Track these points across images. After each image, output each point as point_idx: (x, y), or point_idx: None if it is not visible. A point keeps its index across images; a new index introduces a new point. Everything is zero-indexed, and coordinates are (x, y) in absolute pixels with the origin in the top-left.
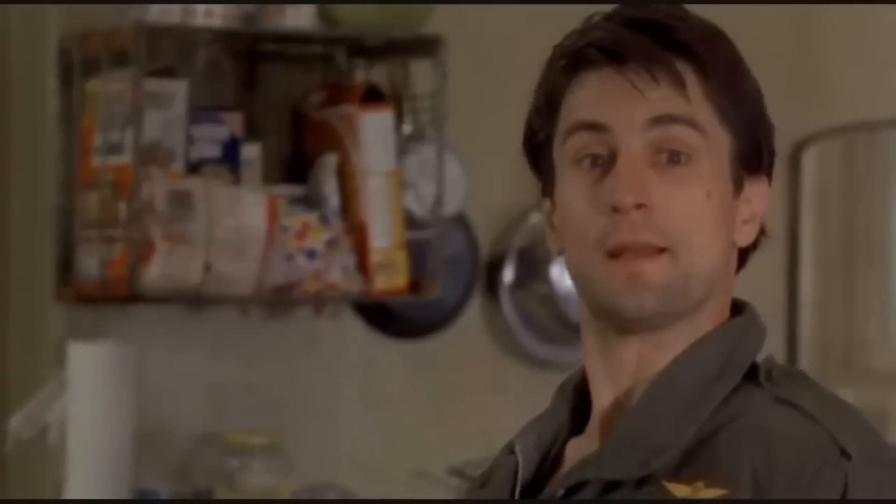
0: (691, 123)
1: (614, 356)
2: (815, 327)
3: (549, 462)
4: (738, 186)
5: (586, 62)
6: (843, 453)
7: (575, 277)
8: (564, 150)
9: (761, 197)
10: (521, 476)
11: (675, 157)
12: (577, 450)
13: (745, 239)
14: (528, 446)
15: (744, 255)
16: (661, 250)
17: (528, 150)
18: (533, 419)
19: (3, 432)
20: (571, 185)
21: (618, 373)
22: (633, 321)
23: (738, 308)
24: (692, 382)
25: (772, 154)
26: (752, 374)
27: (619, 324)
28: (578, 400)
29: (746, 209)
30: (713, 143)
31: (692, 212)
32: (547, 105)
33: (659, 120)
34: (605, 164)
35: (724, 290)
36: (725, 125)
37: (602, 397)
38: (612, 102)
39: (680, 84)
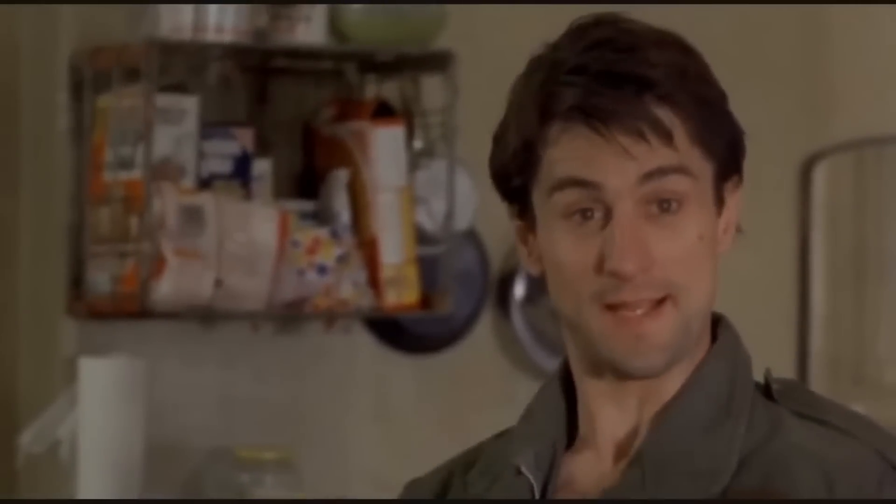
0: (682, 170)
1: (617, 385)
2: (825, 342)
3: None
4: (720, 205)
5: (569, 120)
6: (894, 468)
7: (570, 324)
8: (552, 203)
9: (736, 201)
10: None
11: (664, 206)
12: (584, 471)
13: (724, 247)
14: (530, 466)
15: None
16: (661, 300)
17: (501, 188)
18: (520, 433)
19: (14, 447)
20: (562, 237)
21: (621, 396)
22: (641, 377)
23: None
24: (709, 402)
25: (743, 152)
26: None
27: (622, 376)
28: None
29: (723, 219)
30: (700, 182)
31: (688, 258)
32: (525, 151)
33: (651, 175)
34: (597, 219)
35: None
36: (709, 157)
37: (605, 419)
38: (603, 160)
39: (668, 137)
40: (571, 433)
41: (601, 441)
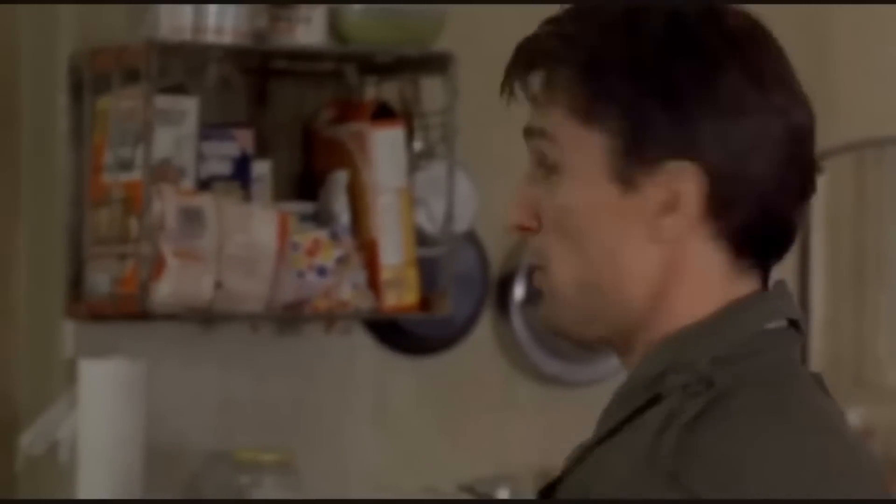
0: (543, 134)
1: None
2: (825, 344)
3: None
4: (627, 184)
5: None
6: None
7: None
8: None
9: (684, 180)
10: None
11: (541, 170)
12: None
13: (670, 232)
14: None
15: (750, 243)
16: (540, 268)
17: None
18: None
19: (13, 449)
20: None
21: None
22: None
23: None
24: (627, 389)
25: (690, 129)
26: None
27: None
28: None
29: (656, 202)
30: (571, 150)
31: (549, 229)
32: None
33: (526, 132)
34: None
35: (675, 294)
36: (592, 126)
37: None
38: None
39: (531, 96)
40: None
41: None
